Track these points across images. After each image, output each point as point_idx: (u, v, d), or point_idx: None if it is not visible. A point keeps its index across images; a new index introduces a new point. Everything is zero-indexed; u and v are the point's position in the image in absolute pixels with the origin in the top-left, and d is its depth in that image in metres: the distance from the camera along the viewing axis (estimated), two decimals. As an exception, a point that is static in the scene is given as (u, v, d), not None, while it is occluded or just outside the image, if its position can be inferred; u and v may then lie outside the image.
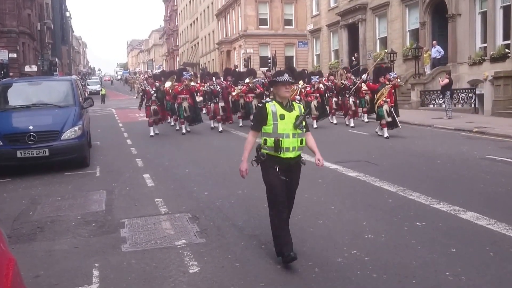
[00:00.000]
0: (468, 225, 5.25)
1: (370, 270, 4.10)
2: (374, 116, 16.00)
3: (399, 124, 13.13)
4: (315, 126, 15.27)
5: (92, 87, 57.42)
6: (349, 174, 8.22)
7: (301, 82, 14.44)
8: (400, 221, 5.43)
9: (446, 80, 17.66)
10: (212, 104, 16.14)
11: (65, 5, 74.83)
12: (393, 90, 13.30)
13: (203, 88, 17.21)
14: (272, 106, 4.32)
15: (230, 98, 16.76)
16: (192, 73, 18.67)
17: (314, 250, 4.63)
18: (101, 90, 46.25)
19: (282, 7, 44.05)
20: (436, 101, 20.32)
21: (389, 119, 12.68)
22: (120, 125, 19.94)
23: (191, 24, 66.88)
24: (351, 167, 8.74)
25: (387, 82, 12.88)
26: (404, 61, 24.36)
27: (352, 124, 15.84)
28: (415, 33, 24.29)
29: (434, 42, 22.23)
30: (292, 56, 43.78)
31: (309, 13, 35.89)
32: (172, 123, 17.80)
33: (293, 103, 4.48)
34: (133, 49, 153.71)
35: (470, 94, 18.77)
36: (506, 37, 18.93)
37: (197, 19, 62.98)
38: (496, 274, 3.96)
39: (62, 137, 9.27)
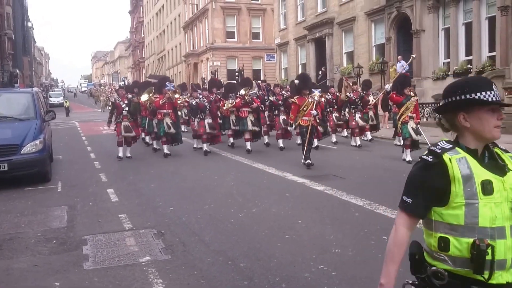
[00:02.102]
0: (433, 238, 5.30)
1: (337, 285, 4.08)
2: (376, 132, 15.13)
3: (429, 144, 11.65)
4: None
5: (54, 99, 56.21)
6: (316, 188, 8.24)
7: (317, 92, 11.80)
8: (367, 235, 5.44)
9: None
10: (196, 121, 13.50)
11: (27, 15, 73.17)
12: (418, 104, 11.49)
13: (189, 99, 14.70)
14: (461, 162, 1.96)
15: (219, 113, 14.49)
16: (174, 83, 15.60)
17: (281, 265, 4.58)
18: (64, 102, 45.28)
19: (249, 20, 44.37)
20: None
21: (417, 138, 10.71)
22: (84, 138, 19.50)
23: (157, 36, 66.53)
24: (319, 180, 8.77)
25: (412, 94, 11.09)
26: (371, 75, 24.85)
27: (358, 143, 13.83)
28: (380, 48, 24.82)
29: (399, 57, 22.71)
30: (260, 69, 44.04)
31: (277, 27, 36.25)
32: (150, 141, 15.37)
33: (496, 149, 2.08)
34: (98, 61, 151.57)
35: (435, 108, 19.24)
36: (468, 53, 19.56)
37: (163, 31, 62.71)
38: (461, 287, 3.99)
39: (22, 151, 8.97)
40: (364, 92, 14.41)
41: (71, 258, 5.04)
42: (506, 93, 16.03)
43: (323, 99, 13.62)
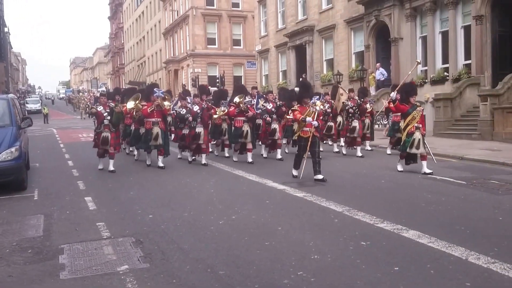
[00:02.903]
0: (411, 243, 5.37)
1: (316, 292, 4.09)
2: (372, 142, 14.69)
3: (433, 157, 10.60)
4: (359, 154, 13.21)
5: (31, 106, 55.35)
6: (296, 194, 8.27)
7: (318, 102, 10.99)
8: (346, 241, 5.48)
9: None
10: (185, 130, 12.32)
11: (3, 20, 71.86)
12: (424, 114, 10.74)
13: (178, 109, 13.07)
14: None
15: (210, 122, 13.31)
16: (163, 90, 13.73)
17: (260, 272, 4.57)
18: (43, 109, 44.63)
19: (230, 27, 44.47)
20: (381, 121, 20.96)
21: (418, 151, 10.07)
22: (62, 145, 19.22)
23: (137, 42, 66.17)
24: (298, 187, 8.81)
25: (418, 103, 10.40)
26: (350, 82, 25.06)
27: (359, 154, 13.21)
28: (360, 56, 25.10)
29: (377, 64, 23.05)
30: (241, 76, 44.12)
31: (258, 34, 36.38)
32: (128, 151, 14.75)
33: None
34: (76, 67, 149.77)
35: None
36: (445, 61, 19.94)
37: (143, 37, 62.41)
38: (437, 292, 4.04)
39: (-2, 159, 8.79)
40: (362, 99, 13.92)
41: (47, 268, 4.96)
42: (481, 101, 16.35)
43: (322, 107, 12.06)
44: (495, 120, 15.68)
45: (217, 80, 38.13)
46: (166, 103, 11.91)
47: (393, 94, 10.86)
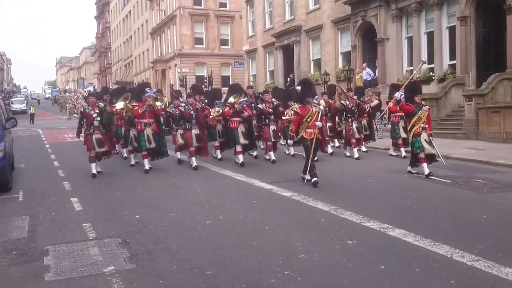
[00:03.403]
0: (396, 242, 5.42)
1: (303, 291, 4.11)
2: (371, 143, 14.26)
3: (441, 158, 10.04)
4: (356, 155, 12.61)
5: (17, 106, 54.75)
6: (284, 194, 8.28)
7: (322, 101, 10.51)
8: (333, 240, 5.51)
9: (376, 102, 18.35)
10: (179, 131, 11.78)
11: (-12, 20, 71.16)
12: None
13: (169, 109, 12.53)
14: None
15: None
16: (156, 89, 13.25)
17: (247, 272, 4.58)
18: (29, 109, 44.14)
19: (218, 27, 44.40)
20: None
21: (432, 151, 9.69)
22: (47, 146, 19.04)
23: (124, 42, 65.75)
24: (286, 187, 8.82)
25: (423, 103, 9.94)
26: (337, 82, 25.13)
27: (356, 155, 12.65)
28: (347, 56, 25.22)
29: (364, 64, 23.18)
30: (229, 76, 44.07)
31: (245, 34, 36.38)
32: (125, 155, 13.74)
33: None
34: (63, 67, 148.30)
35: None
36: (430, 61, 20.11)
37: (130, 37, 62.03)
38: (422, 289, 4.09)
39: (-18, 160, 8.69)
40: (361, 99, 13.55)
41: (32, 270, 4.91)
42: (466, 100, 16.53)
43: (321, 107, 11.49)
44: (480, 119, 15.86)
45: (205, 80, 38.03)
46: (158, 103, 11.41)
47: (398, 94, 10.33)
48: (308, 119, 9.04)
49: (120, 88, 16.59)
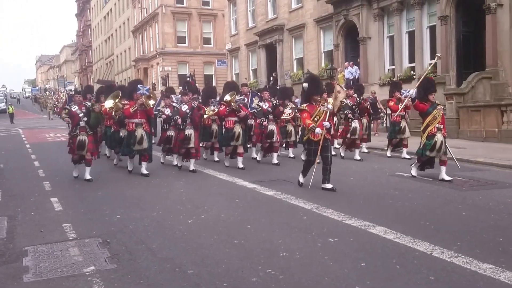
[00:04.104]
0: (378, 239, 5.46)
1: (284, 289, 4.12)
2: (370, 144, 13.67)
3: (456, 162, 9.53)
4: (336, 152, 12.00)
5: (-5, 105, 53.91)
6: (266, 193, 8.29)
7: (330, 100, 9.82)
8: (314, 238, 5.53)
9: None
10: (169, 132, 11.23)
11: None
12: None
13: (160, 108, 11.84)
14: None
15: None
16: (150, 87, 12.11)
17: (229, 271, 4.57)
18: (8, 108, 43.44)
19: (200, 25, 44.25)
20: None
21: (439, 153, 9.05)
22: (28, 146, 18.75)
23: (105, 40, 65.12)
24: (269, 186, 8.83)
25: (437, 101, 9.35)
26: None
27: (358, 157, 12.08)
28: (329, 55, 25.34)
29: (346, 63, 23.32)
30: (212, 75, 43.95)
31: (228, 32, 36.32)
32: (108, 155, 13.41)
33: None
34: (43, 65, 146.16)
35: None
36: (411, 60, 20.34)
37: (112, 35, 61.45)
38: (401, 285, 4.13)
39: (-41, 159, 8.48)
40: (362, 98, 12.84)
41: (10, 271, 4.83)
42: (447, 99, 16.74)
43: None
44: (461, 118, 16.08)
45: (188, 79, 37.89)
46: (151, 101, 10.66)
47: (412, 92, 9.50)
48: (315, 119, 8.27)
49: (108, 85, 15.87)
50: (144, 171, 10.28)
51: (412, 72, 19.96)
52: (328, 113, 8.31)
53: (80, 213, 7.23)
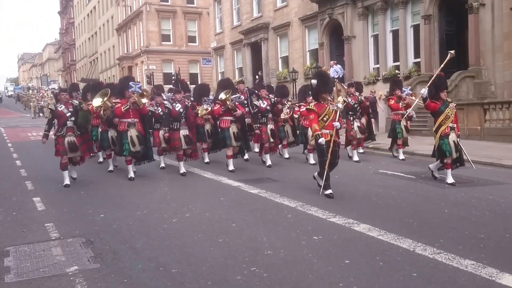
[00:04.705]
0: (361, 236, 5.50)
1: (268, 286, 4.12)
2: (372, 143, 13.38)
3: (471, 163, 9.11)
4: (312, 161, 11.13)
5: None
6: (251, 191, 8.29)
7: (340, 98, 9.54)
8: (299, 236, 5.54)
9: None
10: (162, 132, 10.71)
11: None
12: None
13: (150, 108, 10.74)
14: None
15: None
16: (141, 83, 11.71)
17: (213, 269, 4.56)
18: (-11, 106, 42.82)
19: (185, 23, 44.02)
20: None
21: (455, 155, 8.62)
22: (10, 145, 18.51)
23: (89, 38, 64.43)
24: (254, 184, 8.84)
25: (449, 100, 8.86)
26: (306, 79, 25.28)
27: (356, 158, 11.61)
28: (314, 53, 25.43)
29: (331, 62, 23.40)
30: (197, 73, 43.78)
31: (213, 31, 36.21)
32: (101, 159, 12.37)
33: None
34: (25, 63, 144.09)
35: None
36: (395, 59, 20.50)
37: (96, 33, 60.83)
38: (384, 282, 4.16)
39: None
40: (364, 96, 12.41)
41: (-9, 271, 4.76)
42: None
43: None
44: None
45: (173, 77, 37.71)
46: (144, 100, 10.05)
47: (424, 91, 8.86)
48: (324, 118, 7.70)
49: (95, 82, 15.25)
50: (131, 174, 9.74)
51: (396, 71, 20.11)
52: (338, 112, 7.84)
53: (63, 212, 7.16)
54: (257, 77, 29.40)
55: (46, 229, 6.17)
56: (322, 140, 7.50)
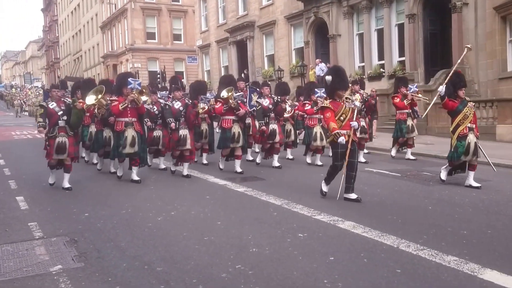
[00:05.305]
0: (346, 233, 5.54)
1: (254, 284, 4.13)
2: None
3: (492, 165, 8.46)
4: (319, 163, 10.82)
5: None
6: (237, 189, 8.30)
7: (357, 96, 9.06)
8: (284, 233, 5.56)
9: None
10: (157, 132, 10.37)
11: None
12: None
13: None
14: None
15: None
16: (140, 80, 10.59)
17: (198, 267, 4.56)
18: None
19: (170, 21, 43.83)
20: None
21: (474, 157, 8.10)
22: (-7, 143, 18.27)
23: (73, 36, 63.79)
24: (240, 182, 8.85)
25: (467, 98, 8.39)
26: (291, 78, 25.39)
27: (362, 159, 10.92)
28: (300, 52, 25.50)
29: (317, 60, 23.50)
30: (182, 72, 43.59)
31: (198, 29, 36.11)
32: (87, 157, 11.93)
33: None
34: (8, 61, 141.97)
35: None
36: (380, 57, 20.65)
37: (80, 30, 60.25)
38: (369, 278, 4.20)
39: None
40: (369, 95, 11.77)
41: (-27, 271, 4.70)
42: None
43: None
44: (429, 115, 16.37)
45: (158, 76, 37.52)
46: (143, 97, 9.46)
47: (442, 88, 8.23)
48: (341, 118, 7.10)
49: (88, 79, 14.71)
50: (135, 177, 9.10)
51: (381, 70, 20.26)
52: (356, 111, 7.32)
53: (46, 211, 7.09)
54: (242, 75, 29.33)
55: (29, 228, 6.10)
56: (342, 139, 6.89)
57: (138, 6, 42.57)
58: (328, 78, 7.25)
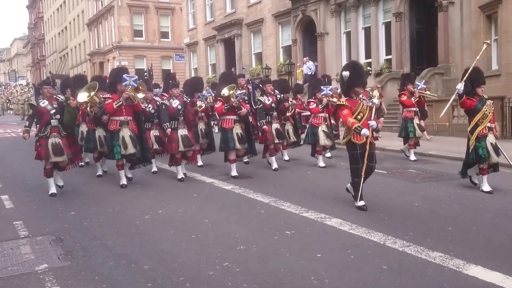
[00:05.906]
0: (333, 230, 5.57)
1: (241, 281, 4.14)
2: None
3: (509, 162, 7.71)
4: (322, 164, 10.30)
5: None
6: (225, 187, 8.29)
7: (376, 92, 8.06)
8: (271, 231, 5.57)
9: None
10: (154, 132, 9.80)
11: None
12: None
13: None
14: None
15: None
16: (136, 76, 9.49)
17: (185, 264, 4.55)
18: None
19: (158, 19, 43.58)
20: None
21: (496, 159, 7.50)
22: (-23, 142, 18.01)
23: (59, 33, 63.14)
24: (227, 180, 8.84)
25: (485, 96, 7.80)
26: (279, 76, 25.40)
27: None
28: (288, 50, 25.54)
29: (304, 58, 23.55)
30: (170, 69, 43.34)
31: (186, 27, 35.97)
32: (87, 160, 11.12)
33: None
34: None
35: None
36: (367, 55, 20.76)
37: (66, 27, 59.64)
38: (355, 275, 4.23)
39: None
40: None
41: (-43, 271, 4.64)
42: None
43: (335, 100, 9.64)
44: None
45: (145, 74, 37.28)
46: (140, 95, 9.00)
47: (460, 86, 7.51)
48: (358, 117, 6.53)
49: (79, 75, 14.14)
50: (128, 174, 8.90)
51: (368, 68, 20.37)
52: (374, 109, 6.73)
53: (32, 210, 7.02)
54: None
55: (14, 227, 6.03)
56: (365, 131, 6.30)
57: (125, 3, 42.26)
58: (346, 73, 6.65)
